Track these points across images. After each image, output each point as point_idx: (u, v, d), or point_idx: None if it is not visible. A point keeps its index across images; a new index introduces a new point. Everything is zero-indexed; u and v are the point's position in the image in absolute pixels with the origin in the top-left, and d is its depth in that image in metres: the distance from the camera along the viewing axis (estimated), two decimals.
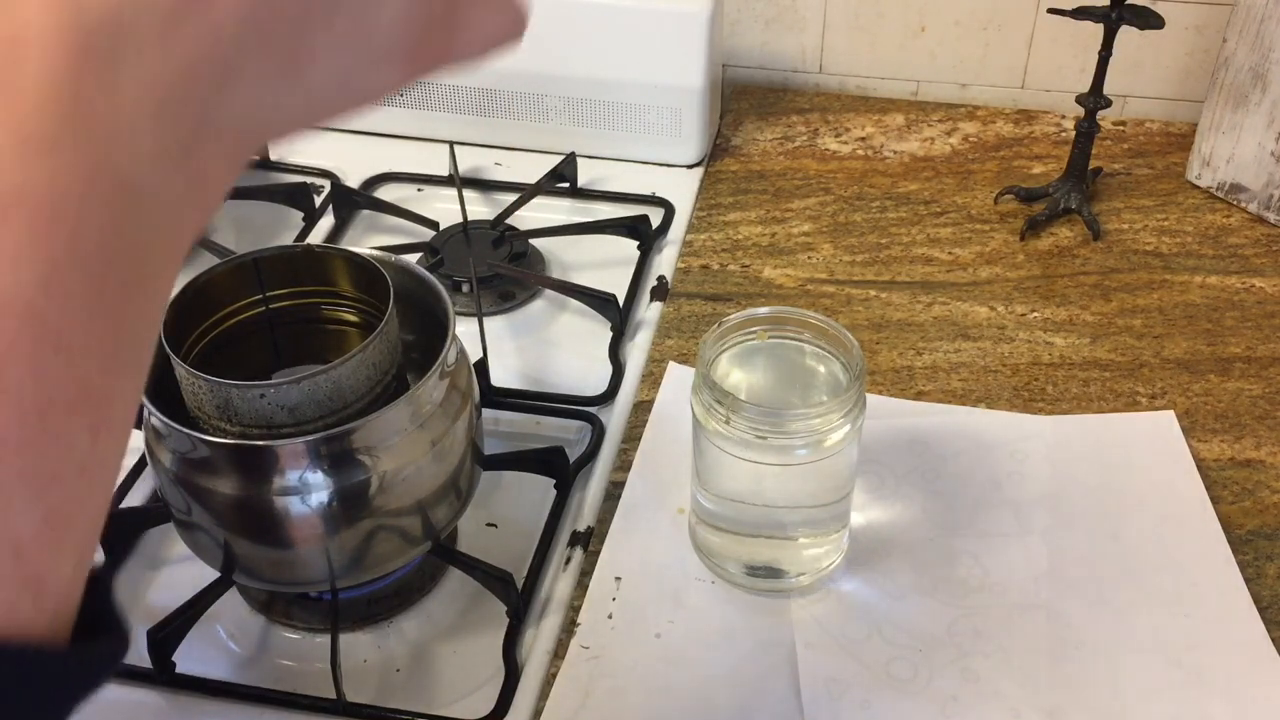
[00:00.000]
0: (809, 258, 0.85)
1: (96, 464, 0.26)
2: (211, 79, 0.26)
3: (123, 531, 0.65)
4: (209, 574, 0.60)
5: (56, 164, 0.24)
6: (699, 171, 0.94)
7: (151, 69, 0.25)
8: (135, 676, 0.59)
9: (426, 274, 0.61)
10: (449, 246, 0.83)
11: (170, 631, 0.58)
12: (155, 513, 0.64)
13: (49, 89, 0.24)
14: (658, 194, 0.90)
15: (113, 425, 0.27)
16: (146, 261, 0.26)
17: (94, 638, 0.27)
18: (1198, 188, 0.91)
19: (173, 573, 0.64)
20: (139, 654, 0.58)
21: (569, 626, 0.61)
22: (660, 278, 0.82)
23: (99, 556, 0.27)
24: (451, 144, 0.90)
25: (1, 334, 0.24)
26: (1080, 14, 0.81)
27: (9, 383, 0.24)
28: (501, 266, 0.82)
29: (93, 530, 0.27)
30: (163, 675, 0.58)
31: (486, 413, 0.69)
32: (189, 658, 0.59)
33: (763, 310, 0.61)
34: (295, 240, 0.86)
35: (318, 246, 0.62)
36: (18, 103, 0.24)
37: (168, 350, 0.54)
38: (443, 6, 0.31)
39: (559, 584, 0.63)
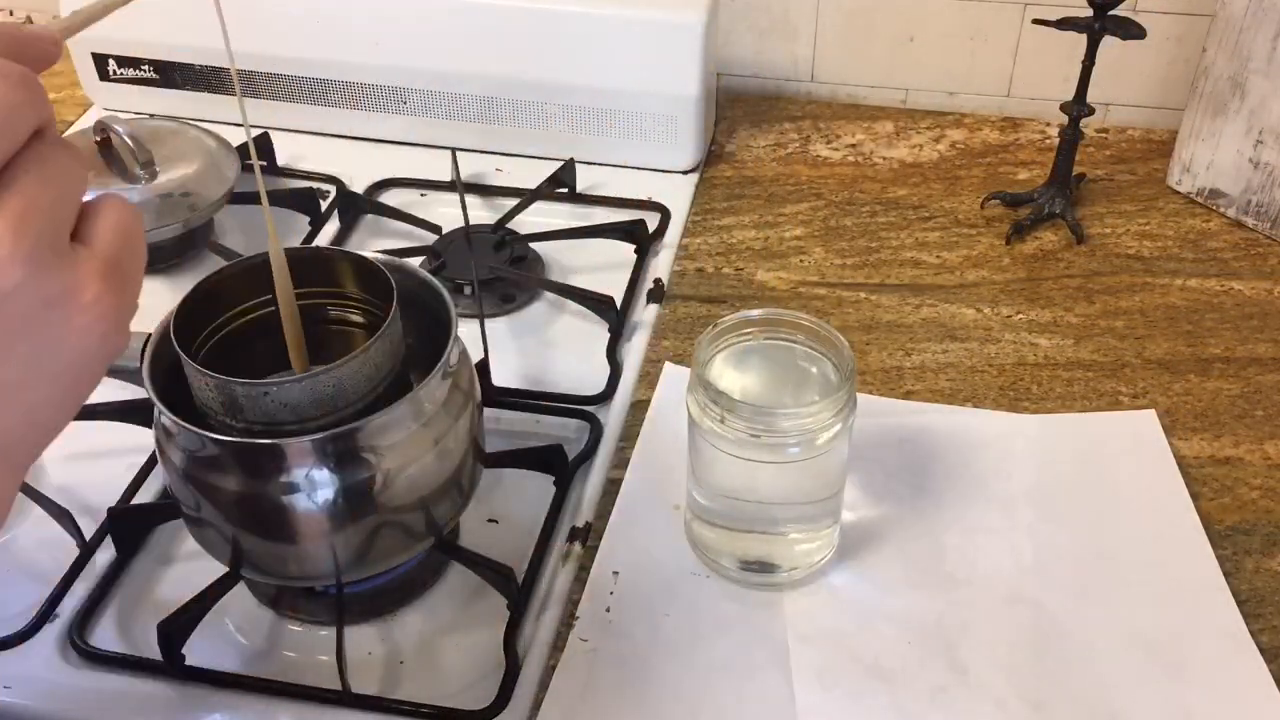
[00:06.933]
0: (801, 261, 0.86)
1: None
2: None
3: (134, 528, 0.66)
4: (218, 569, 0.60)
5: None
6: (694, 177, 0.95)
7: None
8: (145, 668, 0.60)
9: (429, 277, 0.61)
10: (451, 250, 0.84)
11: (180, 625, 0.59)
12: (165, 509, 0.65)
13: None
14: (654, 199, 0.91)
15: None
16: None
17: None
18: (1178, 193, 0.92)
19: (182, 568, 0.65)
20: (150, 646, 0.59)
21: (568, 619, 0.62)
22: (657, 280, 0.83)
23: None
24: (454, 150, 0.90)
25: None
26: (1064, 24, 0.82)
27: None
28: (502, 269, 0.83)
29: None
30: (172, 667, 0.59)
31: (488, 412, 0.70)
32: (198, 650, 0.60)
33: (756, 312, 0.62)
34: (302, 244, 0.86)
35: (324, 249, 0.63)
36: None
37: (178, 349, 0.55)
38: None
39: (558, 578, 0.64)
